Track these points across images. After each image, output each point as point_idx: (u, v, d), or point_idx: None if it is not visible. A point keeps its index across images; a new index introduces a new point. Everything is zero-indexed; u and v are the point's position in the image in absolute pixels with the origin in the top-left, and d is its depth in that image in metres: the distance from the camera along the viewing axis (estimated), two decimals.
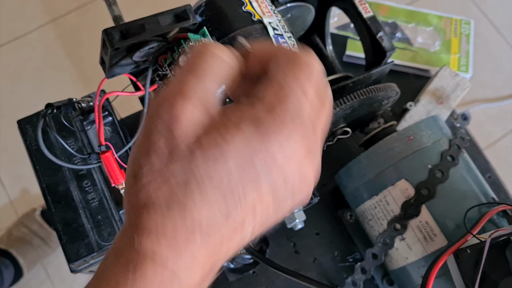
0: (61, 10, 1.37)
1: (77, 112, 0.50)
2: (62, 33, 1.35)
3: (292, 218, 0.53)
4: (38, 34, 1.35)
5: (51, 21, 1.36)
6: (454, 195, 0.50)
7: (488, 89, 1.38)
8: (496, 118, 1.36)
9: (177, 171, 0.25)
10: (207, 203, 0.25)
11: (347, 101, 0.47)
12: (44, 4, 1.38)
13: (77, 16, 1.36)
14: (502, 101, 1.36)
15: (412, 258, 0.51)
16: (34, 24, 1.36)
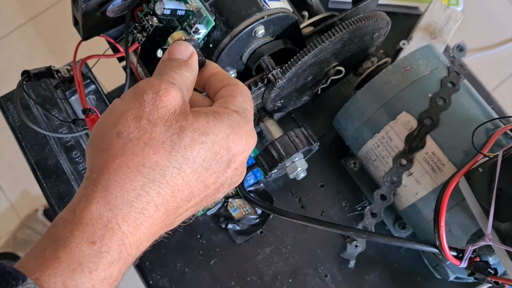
0: (39, 8, 1.34)
1: (56, 80, 0.48)
2: (43, 30, 1.32)
3: (293, 167, 0.51)
4: (19, 33, 1.32)
5: (30, 19, 1.33)
6: (459, 121, 0.48)
7: (480, 38, 1.35)
8: (492, 66, 1.34)
9: (167, 144, 0.28)
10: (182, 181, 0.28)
11: (336, 33, 0.44)
12: (21, 4, 1.35)
13: (55, 11, 1.33)
14: (496, 48, 1.34)
15: (422, 192, 0.49)
16: (13, 25, 1.33)
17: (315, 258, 0.57)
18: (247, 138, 0.32)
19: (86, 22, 0.44)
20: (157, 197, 0.27)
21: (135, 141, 0.27)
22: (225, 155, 0.30)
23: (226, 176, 0.32)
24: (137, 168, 0.27)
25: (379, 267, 0.57)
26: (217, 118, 0.30)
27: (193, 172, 0.29)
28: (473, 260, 0.42)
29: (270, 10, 0.43)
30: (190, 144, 0.28)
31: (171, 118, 0.29)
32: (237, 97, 0.33)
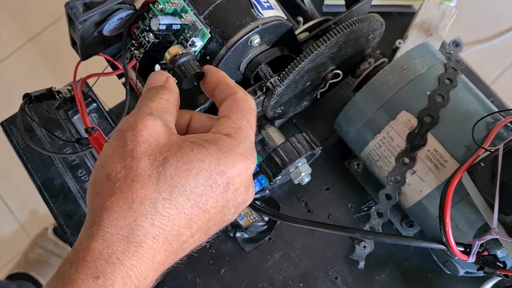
0: (36, 28, 1.35)
1: (58, 101, 0.48)
2: (42, 50, 1.33)
3: (297, 172, 0.52)
4: (19, 55, 1.33)
5: (29, 41, 1.35)
6: (459, 116, 0.48)
7: (476, 30, 1.35)
8: (490, 58, 1.34)
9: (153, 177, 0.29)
10: (176, 210, 0.29)
11: (331, 37, 0.45)
12: (19, 26, 1.36)
13: (52, 31, 1.35)
14: (492, 40, 1.34)
15: (426, 190, 0.49)
16: (12, 47, 1.34)
17: (325, 261, 0.57)
18: (242, 159, 0.32)
19: (83, 43, 0.45)
20: (152, 229, 0.28)
21: (123, 180, 0.28)
22: (219, 179, 0.31)
23: (227, 199, 0.32)
24: (127, 205, 0.28)
25: (389, 266, 0.57)
26: (203, 145, 0.31)
27: (186, 200, 0.29)
28: (481, 254, 0.42)
29: (264, 19, 0.44)
30: (176, 173, 0.29)
31: (155, 151, 0.30)
32: (231, 116, 0.34)
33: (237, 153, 0.32)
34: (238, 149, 0.32)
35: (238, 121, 0.33)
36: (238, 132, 0.33)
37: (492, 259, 0.41)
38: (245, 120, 0.34)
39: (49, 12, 1.35)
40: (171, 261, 0.31)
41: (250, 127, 0.34)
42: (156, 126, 0.31)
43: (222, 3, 0.44)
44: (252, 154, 0.33)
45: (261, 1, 0.44)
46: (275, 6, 0.46)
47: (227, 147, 0.32)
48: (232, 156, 0.31)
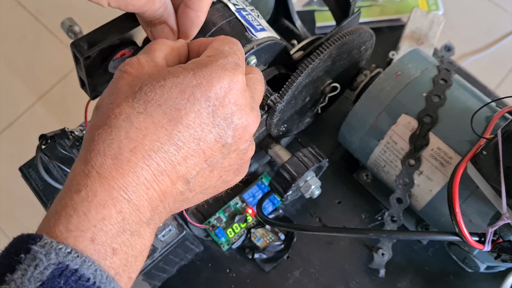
0: (45, 86, 1.40)
1: (71, 140, 0.50)
2: (52, 107, 1.38)
3: (307, 186, 0.53)
4: (30, 114, 1.38)
5: (39, 99, 1.39)
6: (457, 113, 0.50)
7: (472, 41, 1.38)
8: (489, 67, 1.36)
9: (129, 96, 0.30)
10: (152, 124, 0.29)
11: (324, 50, 0.47)
12: (28, 86, 1.42)
13: (61, 87, 1.40)
14: (489, 48, 1.36)
15: (435, 188, 0.50)
16: (23, 106, 1.39)
17: (344, 274, 0.58)
18: (221, 71, 0.31)
19: (91, 81, 0.48)
20: (127, 141, 0.28)
21: (105, 106, 0.30)
22: (197, 92, 0.30)
23: (214, 115, 0.30)
24: (104, 122, 0.29)
25: (409, 272, 0.57)
26: (181, 66, 0.31)
27: (162, 114, 0.29)
28: (496, 242, 0.42)
29: (259, 40, 0.46)
30: (150, 89, 0.29)
31: (135, 78, 0.31)
32: (212, 46, 0.33)
33: (215, 66, 0.31)
34: (216, 63, 0.31)
35: (219, 46, 0.33)
36: (217, 53, 0.32)
37: (507, 245, 0.41)
38: (227, 47, 0.33)
39: (56, 69, 1.41)
40: (167, 186, 0.30)
41: (233, 52, 0.33)
42: (139, 60, 0.32)
43: (217, 30, 0.46)
44: (236, 68, 0.31)
45: (253, 24, 0.47)
46: (267, 28, 0.49)
47: (204, 62, 0.31)
48: (209, 69, 0.31)
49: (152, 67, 0.32)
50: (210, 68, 0.31)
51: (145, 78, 0.30)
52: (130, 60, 0.32)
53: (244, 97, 0.32)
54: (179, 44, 0.36)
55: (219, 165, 0.33)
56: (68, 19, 0.61)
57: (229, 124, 0.31)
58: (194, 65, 0.31)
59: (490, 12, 1.43)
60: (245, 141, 0.33)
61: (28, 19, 1.52)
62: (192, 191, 0.32)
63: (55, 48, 1.45)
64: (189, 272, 0.59)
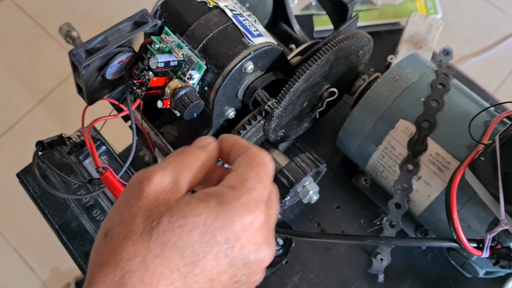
0: (45, 90, 1.41)
1: (69, 146, 0.50)
2: (52, 111, 1.38)
3: (305, 191, 0.53)
4: (30, 117, 1.38)
5: (39, 103, 1.40)
6: (456, 118, 0.49)
7: (472, 44, 1.38)
8: (489, 69, 1.36)
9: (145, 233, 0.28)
10: (168, 268, 0.27)
11: (321, 56, 0.47)
12: (28, 89, 1.42)
13: (61, 91, 1.40)
14: (488, 51, 1.36)
15: (434, 193, 0.50)
16: (24, 110, 1.39)
17: (344, 279, 0.57)
18: (244, 211, 0.29)
19: (89, 88, 0.48)
20: (141, 286, 0.27)
21: (116, 236, 0.28)
22: (218, 235, 0.28)
23: (232, 257, 0.29)
24: (116, 262, 0.27)
25: (409, 277, 0.57)
26: (202, 199, 0.29)
27: (179, 257, 0.28)
28: (494, 248, 0.42)
29: (255, 46, 0.46)
30: (168, 229, 0.28)
31: (153, 206, 0.28)
32: (239, 169, 0.32)
33: (239, 205, 0.29)
34: (240, 201, 0.29)
35: (246, 173, 0.31)
36: (243, 184, 0.30)
37: (506, 251, 0.41)
38: (254, 173, 0.31)
39: (56, 73, 1.41)
40: None
41: (258, 180, 0.31)
42: (162, 182, 0.29)
43: (214, 36, 0.46)
44: (258, 206, 0.30)
45: (250, 30, 0.47)
46: (264, 33, 0.49)
47: (227, 199, 0.29)
48: (233, 209, 0.29)
49: (173, 192, 0.30)
50: (234, 208, 0.29)
51: (162, 211, 0.28)
52: (144, 175, 0.30)
53: (262, 235, 0.30)
54: (211, 156, 0.34)
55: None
56: (66, 24, 0.61)
57: (246, 263, 0.30)
58: (217, 202, 0.29)
59: (489, 15, 1.43)
60: (257, 274, 0.32)
61: (28, 23, 1.52)
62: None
63: (55, 52, 1.46)
64: None
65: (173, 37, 0.47)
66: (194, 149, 0.33)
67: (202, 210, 0.28)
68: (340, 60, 0.51)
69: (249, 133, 0.50)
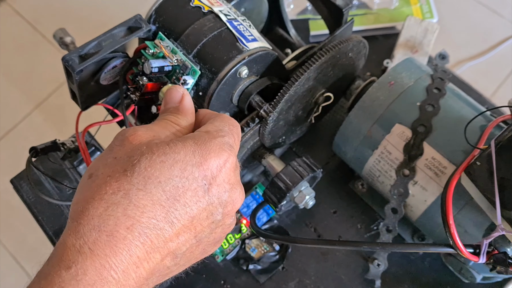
0: (42, 95, 1.40)
1: (63, 152, 0.50)
2: (49, 116, 1.38)
3: (301, 196, 0.52)
4: (27, 122, 1.37)
5: (36, 107, 1.39)
6: (451, 123, 0.49)
7: (469, 47, 1.38)
8: (486, 73, 1.35)
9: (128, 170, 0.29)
10: (151, 201, 0.29)
11: (316, 61, 0.47)
12: (25, 94, 1.42)
13: (58, 96, 1.40)
14: (486, 54, 1.36)
15: (430, 198, 0.49)
16: (21, 115, 1.39)
17: (340, 285, 0.57)
18: (218, 151, 0.31)
19: (82, 93, 0.47)
20: (124, 218, 0.28)
21: (101, 176, 0.29)
22: (195, 171, 0.30)
23: (209, 194, 0.31)
24: (100, 197, 0.28)
25: (406, 283, 0.57)
26: (181, 140, 0.31)
27: (161, 192, 0.29)
28: (491, 254, 0.42)
29: (250, 51, 0.46)
30: (150, 165, 0.29)
31: (135, 149, 0.30)
32: (213, 122, 0.34)
33: (213, 145, 0.31)
34: (214, 141, 0.32)
35: (220, 125, 0.34)
36: (217, 131, 0.33)
37: (502, 256, 0.41)
38: (227, 127, 0.34)
39: (53, 78, 1.41)
40: (157, 262, 0.29)
41: (230, 133, 0.34)
42: (145, 133, 0.31)
43: (209, 41, 0.46)
44: (230, 149, 0.32)
45: (245, 35, 0.47)
46: (259, 38, 0.48)
47: (203, 140, 0.31)
48: (208, 148, 0.31)
49: (151, 137, 0.32)
50: (209, 147, 0.31)
51: (143, 150, 0.30)
52: (129, 129, 0.32)
53: (235, 176, 0.33)
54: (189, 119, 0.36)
55: (206, 240, 0.33)
56: (60, 29, 0.61)
57: (221, 202, 0.32)
58: (193, 141, 0.31)
59: (486, 18, 1.43)
60: (231, 217, 0.34)
61: (26, 28, 1.52)
62: (177, 264, 0.32)
63: (53, 57, 1.45)
64: (183, 284, 0.58)
65: (167, 42, 0.47)
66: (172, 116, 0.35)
67: (180, 149, 0.30)
68: (335, 65, 0.51)
69: (245, 137, 0.49)
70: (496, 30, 1.41)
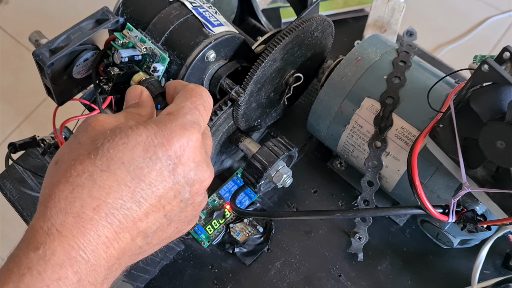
0: (30, 107, 1.41)
1: (42, 148, 0.51)
2: (38, 126, 1.39)
3: (278, 175, 0.53)
4: (17, 134, 1.38)
5: (25, 119, 1.40)
6: (418, 93, 0.51)
7: (446, 31, 1.40)
8: (464, 56, 1.37)
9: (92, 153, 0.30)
10: (115, 182, 0.29)
11: (279, 41, 0.48)
12: (13, 107, 1.43)
13: (46, 105, 1.41)
14: (463, 37, 1.38)
15: (403, 167, 0.51)
16: (11, 127, 1.40)
17: (325, 261, 0.58)
18: (180, 130, 0.32)
19: (57, 88, 0.49)
20: (90, 200, 0.28)
21: (66, 161, 0.30)
22: (159, 151, 0.31)
23: (175, 174, 0.32)
24: (65, 180, 0.29)
25: (388, 254, 0.58)
26: (143, 124, 0.32)
27: (125, 172, 0.30)
28: (461, 213, 0.43)
29: (216, 35, 0.47)
30: (113, 146, 0.30)
31: (99, 134, 0.31)
32: (176, 100, 0.35)
33: (175, 126, 0.32)
34: (175, 122, 0.32)
35: (182, 102, 0.34)
36: (178, 110, 0.33)
37: (471, 214, 0.42)
38: (189, 102, 0.34)
39: (40, 89, 1.41)
40: (127, 242, 0.30)
41: (194, 108, 0.34)
42: (108, 119, 0.32)
43: (176, 28, 0.48)
44: (193, 126, 0.33)
45: (210, 20, 0.48)
46: (225, 23, 0.50)
47: (164, 121, 0.32)
48: (169, 128, 0.32)
49: (114, 122, 0.33)
50: (170, 128, 0.32)
51: (107, 134, 0.31)
52: (92, 116, 0.33)
53: (200, 154, 0.33)
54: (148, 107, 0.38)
55: (177, 218, 0.34)
56: (36, 32, 0.62)
57: (188, 181, 0.33)
58: (155, 123, 0.32)
59: (462, 1, 1.45)
60: (200, 195, 0.35)
61: (10, 42, 1.53)
62: (150, 244, 0.33)
63: None
64: (172, 272, 0.59)
65: (136, 32, 0.48)
66: (133, 108, 0.37)
67: (142, 131, 0.31)
68: (301, 45, 0.52)
69: (218, 121, 0.51)
70: (473, 13, 1.43)
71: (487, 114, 0.38)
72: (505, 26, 1.41)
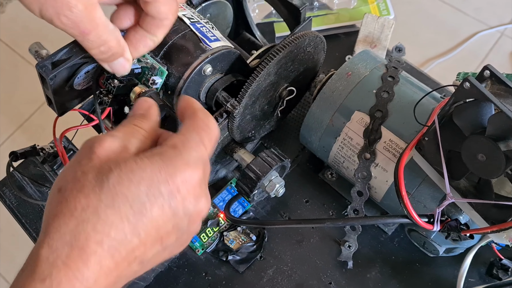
0: (24, 115, 1.42)
1: (42, 157, 0.53)
2: (31, 135, 1.40)
3: (272, 185, 0.55)
4: (10, 143, 1.39)
5: (18, 128, 1.41)
6: (405, 107, 0.53)
7: (436, 46, 1.43)
8: (454, 69, 1.40)
9: (97, 187, 0.31)
10: (119, 217, 0.30)
11: (273, 56, 0.50)
12: (7, 116, 1.43)
13: (39, 114, 1.42)
14: (452, 51, 1.42)
15: (391, 178, 0.53)
16: (3, 136, 1.40)
17: (316, 269, 0.60)
18: (184, 167, 0.33)
19: (58, 99, 0.50)
20: (94, 234, 0.30)
21: (69, 191, 0.31)
22: (162, 188, 0.32)
23: (174, 207, 0.32)
24: (71, 213, 0.30)
25: (377, 263, 0.60)
26: (147, 156, 0.32)
27: (129, 208, 0.30)
28: (445, 222, 0.45)
29: (213, 50, 0.50)
30: (118, 182, 0.30)
31: (104, 165, 0.31)
32: (182, 130, 0.35)
33: (179, 162, 0.33)
34: (180, 157, 0.33)
35: (188, 134, 0.35)
36: (184, 143, 0.34)
37: (454, 223, 0.44)
38: (195, 134, 0.35)
39: (34, 97, 1.43)
40: (124, 269, 0.31)
41: (200, 142, 0.35)
42: (113, 145, 0.33)
43: (174, 42, 0.49)
44: (197, 163, 0.34)
45: (207, 35, 0.50)
46: (221, 38, 0.52)
47: (169, 157, 0.33)
48: (174, 165, 0.32)
49: (119, 148, 0.33)
50: (175, 165, 0.32)
51: (111, 166, 0.31)
52: (96, 140, 0.33)
53: (200, 188, 0.34)
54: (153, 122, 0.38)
55: (171, 245, 0.35)
56: (36, 43, 0.63)
57: (186, 213, 0.34)
58: (160, 158, 0.33)
59: (452, 17, 1.49)
60: (196, 224, 0.36)
61: (5, 51, 1.54)
62: (144, 268, 0.34)
63: (33, 77, 1.47)
64: (166, 279, 0.61)
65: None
66: (138, 121, 0.37)
67: (147, 166, 0.32)
68: (295, 59, 0.54)
69: None
70: (462, 28, 1.46)
71: (468, 128, 0.40)
72: (492, 41, 1.45)
